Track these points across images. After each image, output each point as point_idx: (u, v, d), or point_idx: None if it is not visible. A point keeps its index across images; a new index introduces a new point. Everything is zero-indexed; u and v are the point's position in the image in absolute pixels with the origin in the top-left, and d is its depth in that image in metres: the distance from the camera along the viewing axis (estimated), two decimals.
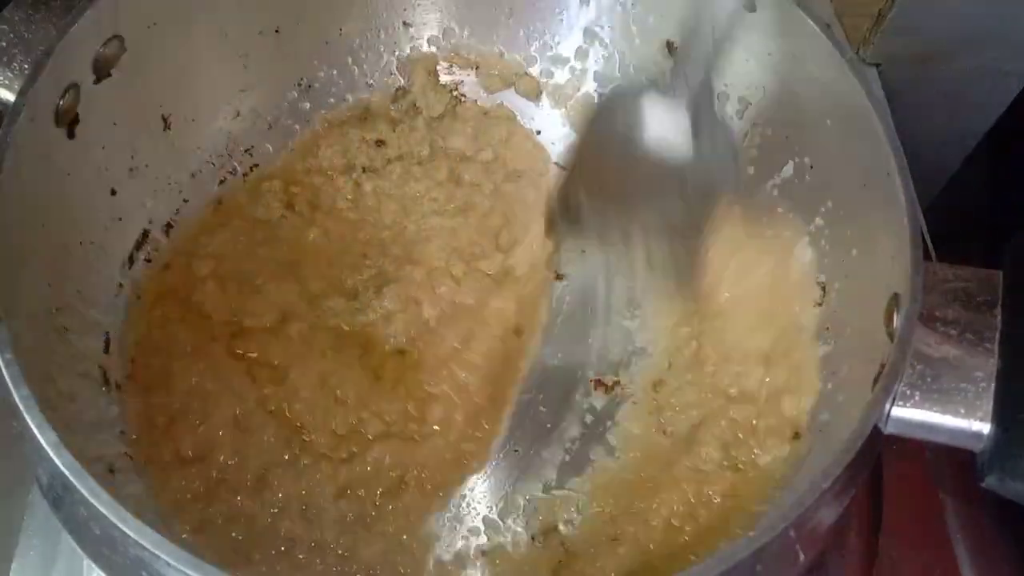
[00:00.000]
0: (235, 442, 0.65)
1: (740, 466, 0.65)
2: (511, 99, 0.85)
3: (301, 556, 0.62)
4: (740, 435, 0.66)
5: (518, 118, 0.84)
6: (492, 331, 0.72)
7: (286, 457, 0.66)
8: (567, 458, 0.70)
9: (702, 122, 0.66)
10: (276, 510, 0.63)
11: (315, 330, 0.71)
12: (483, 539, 0.66)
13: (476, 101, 0.85)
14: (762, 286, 0.69)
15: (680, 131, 0.65)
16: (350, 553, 0.63)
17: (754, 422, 0.66)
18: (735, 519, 0.63)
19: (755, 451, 0.64)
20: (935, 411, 0.52)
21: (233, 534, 0.62)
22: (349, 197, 0.79)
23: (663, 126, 0.66)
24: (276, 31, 0.78)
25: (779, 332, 0.68)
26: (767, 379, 0.67)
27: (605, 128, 0.68)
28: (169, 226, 0.74)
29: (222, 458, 0.64)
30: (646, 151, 0.66)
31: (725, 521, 0.63)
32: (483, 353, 0.71)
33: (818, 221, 0.70)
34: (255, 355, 0.69)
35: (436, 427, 0.69)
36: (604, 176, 0.69)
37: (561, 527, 0.66)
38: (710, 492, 0.64)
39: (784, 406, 0.64)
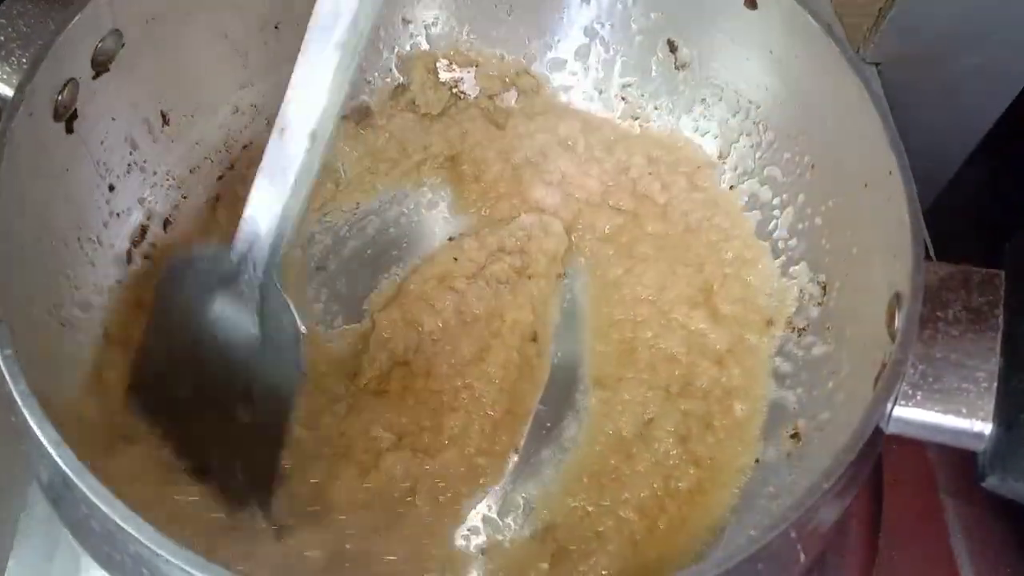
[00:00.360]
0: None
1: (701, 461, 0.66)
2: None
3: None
4: (695, 430, 0.67)
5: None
6: (507, 341, 0.71)
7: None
8: (567, 457, 0.69)
9: (267, 312, 0.64)
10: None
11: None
12: (482, 538, 0.66)
13: (475, 99, 0.84)
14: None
15: (244, 324, 0.63)
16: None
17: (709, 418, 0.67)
18: (706, 511, 0.64)
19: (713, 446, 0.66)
20: (936, 411, 0.52)
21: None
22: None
23: (229, 320, 0.63)
24: (276, 27, 0.78)
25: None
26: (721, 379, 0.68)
27: (171, 321, 0.65)
28: (168, 222, 0.74)
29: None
30: (212, 348, 0.63)
31: (698, 511, 0.64)
32: (499, 364, 0.70)
33: (818, 221, 0.70)
34: None
35: (447, 441, 0.68)
36: (173, 377, 0.64)
37: (559, 524, 0.66)
38: (677, 485, 0.65)
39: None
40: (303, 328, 0.68)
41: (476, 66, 0.84)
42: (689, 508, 0.65)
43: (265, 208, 0.61)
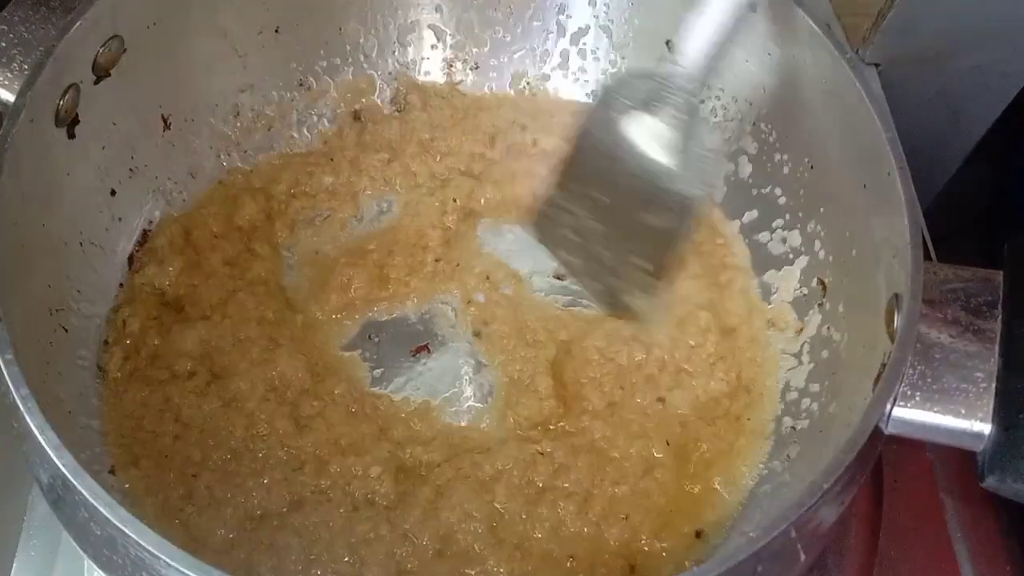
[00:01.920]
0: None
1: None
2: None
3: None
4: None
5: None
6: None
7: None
8: None
9: (689, 133, 0.66)
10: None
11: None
12: None
13: (476, 98, 0.85)
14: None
15: (666, 146, 0.66)
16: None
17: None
18: None
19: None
20: (936, 411, 0.52)
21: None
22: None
23: (649, 143, 0.66)
24: (276, 31, 0.78)
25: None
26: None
27: (591, 142, 0.69)
28: (169, 226, 0.74)
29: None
30: (631, 167, 0.67)
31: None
32: None
33: (817, 221, 0.70)
34: None
35: None
36: (588, 190, 0.69)
37: None
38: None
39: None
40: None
41: (476, 68, 0.85)
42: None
43: (695, 40, 0.63)
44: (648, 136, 0.66)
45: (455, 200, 0.79)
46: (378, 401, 0.69)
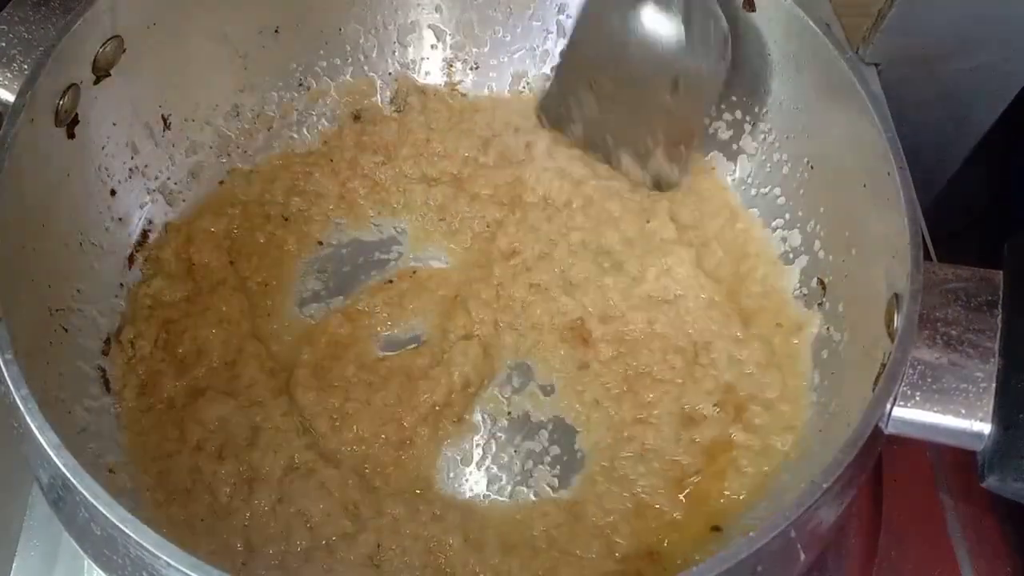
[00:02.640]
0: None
1: None
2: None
3: None
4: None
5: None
6: None
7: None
8: None
9: (694, 17, 0.68)
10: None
11: None
12: None
13: (475, 99, 0.85)
14: None
15: (671, 29, 0.67)
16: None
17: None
18: None
19: None
20: (935, 411, 0.52)
21: None
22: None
23: (654, 25, 0.68)
24: (276, 31, 0.78)
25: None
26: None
27: (596, 26, 0.70)
28: (169, 226, 0.74)
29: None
30: (637, 48, 0.69)
31: None
32: None
33: (817, 221, 0.70)
34: None
35: None
36: (594, 75, 0.71)
37: None
38: None
39: None
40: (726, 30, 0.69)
41: (476, 68, 0.85)
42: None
43: None
44: (653, 18, 0.68)
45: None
46: None
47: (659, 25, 0.68)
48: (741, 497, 0.63)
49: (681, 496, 0.64)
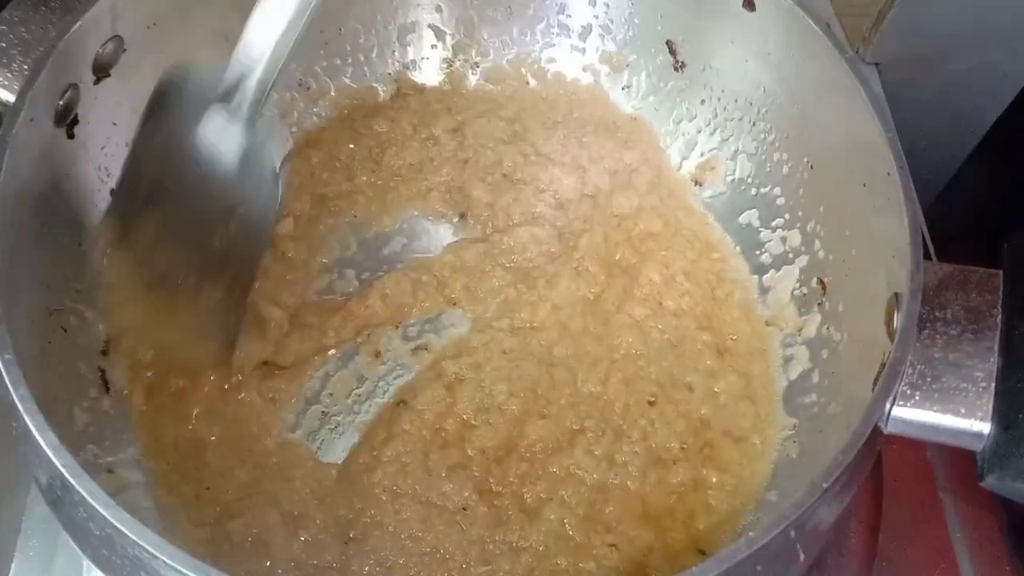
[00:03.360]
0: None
1: None
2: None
3: None
4: None
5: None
6: None
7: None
8: None
9: (250, 145, 0.65)
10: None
11: None
12: None
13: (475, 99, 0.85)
14: None
15: (232, 144, 0.64)
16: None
17: None
18: None
19: None
20: (935, 411, 0.52)
21: None
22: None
23: (217, 135, 0.64)
24: None
25: None
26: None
27: (163, 126, 0.65)
28: None
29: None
30: (198, 159, 0.63)
31: None
32: None
33: (817, 221, 0.70)
34: None
35: None
36: (154, 190, 0.64)
37: None
38: None
39: None
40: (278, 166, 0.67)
41: (477, 66, 0.85)
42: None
43: (262, 36, 0.62)
44: (217, 128, 0.64)
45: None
46: None
47: (225, 139, 0.64)
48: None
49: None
